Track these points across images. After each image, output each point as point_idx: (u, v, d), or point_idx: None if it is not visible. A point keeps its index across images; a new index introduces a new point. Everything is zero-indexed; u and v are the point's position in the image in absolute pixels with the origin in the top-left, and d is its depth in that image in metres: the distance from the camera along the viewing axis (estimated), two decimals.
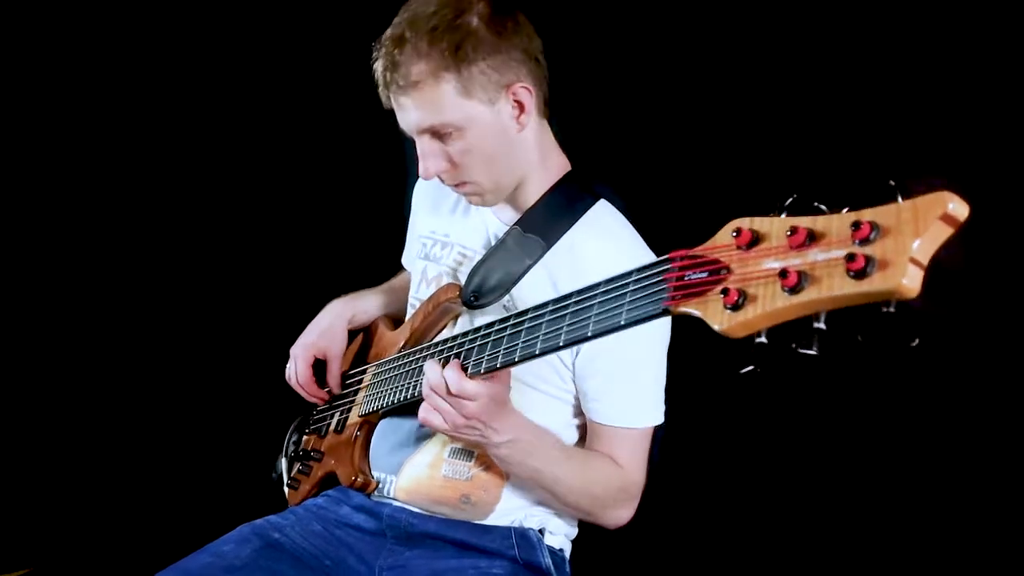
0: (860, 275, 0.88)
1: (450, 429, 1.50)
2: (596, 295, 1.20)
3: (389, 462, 1.80)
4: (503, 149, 1.63)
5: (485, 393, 1.44)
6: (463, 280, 1.74)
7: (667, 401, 1.70)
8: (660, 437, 1.74)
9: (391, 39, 1.58)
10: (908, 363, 1.53)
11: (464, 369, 1.44)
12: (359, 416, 1.83)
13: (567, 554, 1.82)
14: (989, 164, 1.95)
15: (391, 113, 1.64)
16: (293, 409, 2.03)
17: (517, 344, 1.34)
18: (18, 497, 2.81)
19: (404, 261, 2.06)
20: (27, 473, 2.84)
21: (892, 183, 0.91)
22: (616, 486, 1.68)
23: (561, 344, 1.25)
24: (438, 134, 1.60)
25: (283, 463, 2.06)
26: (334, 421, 1.92)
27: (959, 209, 0.86)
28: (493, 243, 1.75)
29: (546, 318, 1.29)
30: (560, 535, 1.79)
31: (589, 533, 1.83)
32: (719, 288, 0.99)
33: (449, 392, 1.44)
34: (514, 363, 1.35)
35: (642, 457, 1.69)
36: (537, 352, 1.30)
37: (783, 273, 0.93)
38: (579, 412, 1.74)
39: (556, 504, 1.71)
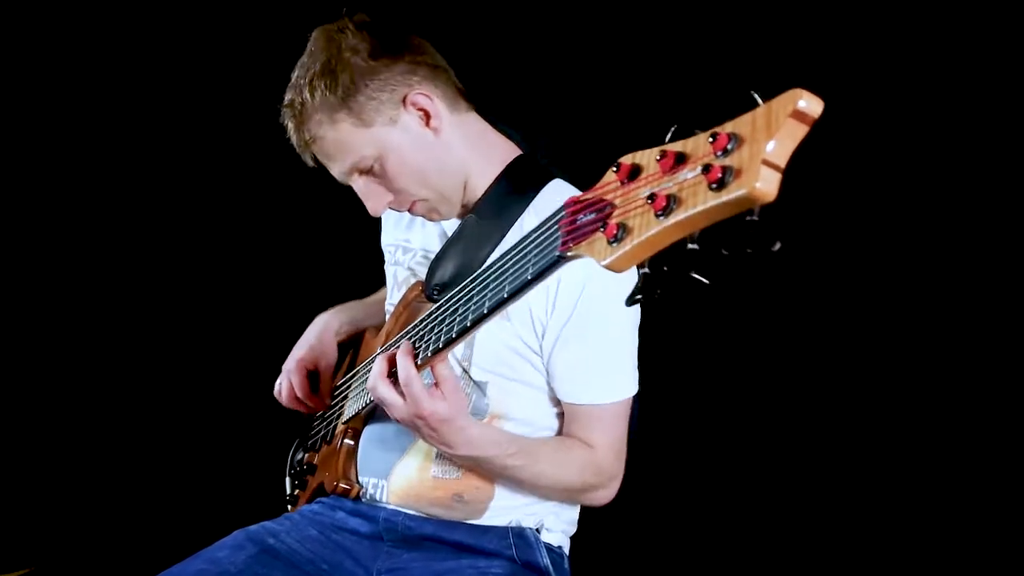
0: (720, 186, 0.85)
1: (400, 419, 1.47)
2: (511, 257, 1.19)
3: (379, 467, 1.79)
4: (429, 159, 1.63)
5: (429, 401, 1.42)
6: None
7: (663, 399, 1.68)
8: (636, 415, 1.71)
9: (287, 107, 1.65)
10: (774, 270, 1.49)
11: (415, 355, 1.43)
12: (343, 424, 1.84)
13: (566, 551, 1.78)
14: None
15: None
16: (289, 415, 2.04)
17: (455, 320, 1.33)
18: (18, 497, 2.84)
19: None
20: (27, 474, 2.87)
21: (754, 94, 0.89)
22: (591, 473, 1.65)
23: (486, 311, 1.24)
24: (364, 171, 1.63)
25: (287, 482, 2.07)
26: (325, 433, 1.94)
27: (811, 105, 0.83)
28: None
29: (475, 290, 1.29)
30: (558, 532, 1.76)
31: (589, 531, 1.81)
32: (601, 225, 0.98)
33: (394, 381, 1.44)
34: (453, 340, 1.34)
35: (618, 435, 1.66)
36: (469, 324, 1.29)
37: (651, 197, 0.91)
38: (558, 400, 1.71)
39: (536, 494, 1.70)
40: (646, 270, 0.94)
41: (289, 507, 2.02)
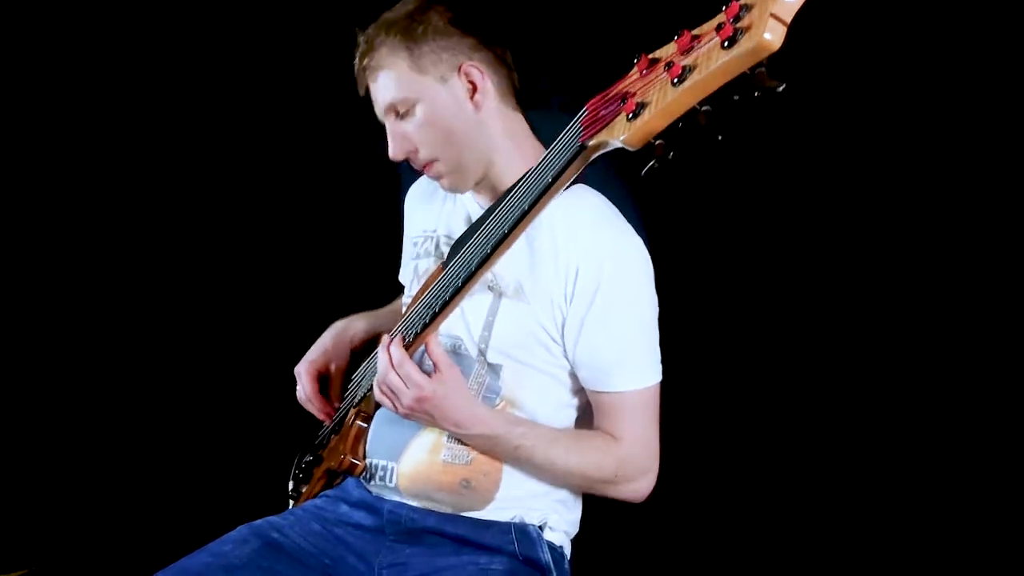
0: (731, 43, 0.94)
1: (403, 410, 1.60)
2: (531, 174, 1.27)
3: (390, 449, 1.80)
4: (460, 126, 1.72)
5: (428, 382, 1.55)
6: None
7: (671, 400, 1.70)
8: None
9: (364, 35, 1.77)
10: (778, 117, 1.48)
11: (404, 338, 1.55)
12: (354, 408, 1.87)
13: (567, 551, 1.78)
14: None
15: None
16: (294, 412, 2.06)
17: (460, 270, 1.48)
18: (16, 497, 2.80)
19: (400, 277, 2.13)
20: (26, 473, 2.83)
21: None
22: (614, 464, 1.66)
23: (507, 231, 1.31)
24: (399, 113, 1.72)
25: (291, 483, 2.08)
26: (335, 426, 1.96)
27: None
28: None
29: (487, 229, 1.39)
30: (560, 531, 1.75)
31: (589, 532, 1.80)
32: (621, 103, 1.06)
33: (394, 368, 1.56)
34: (460, 287, 1.45)
35: (646, 426, 1.67)
36: (491, 250, 1.40)
37: (668, 65, 0.99)
38: (576, 391, 1.74)
39: (556, 483, 1.71)
40: (660, 141, 1.01)
41: (292, 502, 2.02)
